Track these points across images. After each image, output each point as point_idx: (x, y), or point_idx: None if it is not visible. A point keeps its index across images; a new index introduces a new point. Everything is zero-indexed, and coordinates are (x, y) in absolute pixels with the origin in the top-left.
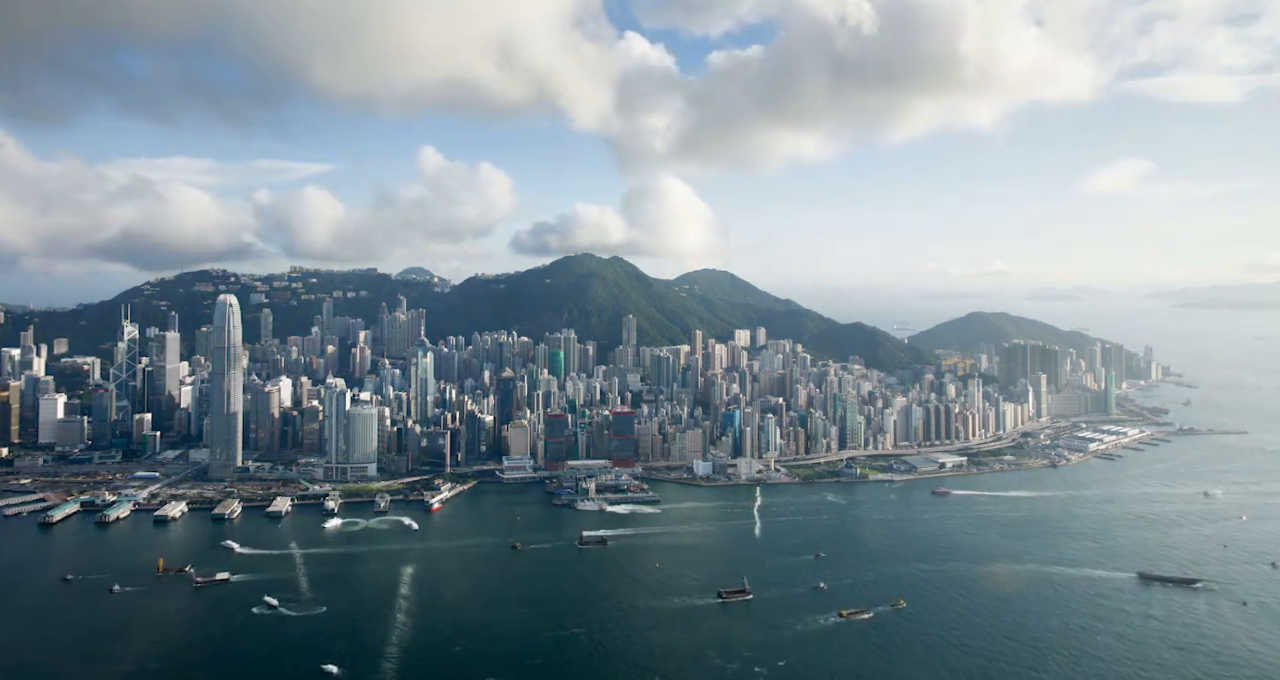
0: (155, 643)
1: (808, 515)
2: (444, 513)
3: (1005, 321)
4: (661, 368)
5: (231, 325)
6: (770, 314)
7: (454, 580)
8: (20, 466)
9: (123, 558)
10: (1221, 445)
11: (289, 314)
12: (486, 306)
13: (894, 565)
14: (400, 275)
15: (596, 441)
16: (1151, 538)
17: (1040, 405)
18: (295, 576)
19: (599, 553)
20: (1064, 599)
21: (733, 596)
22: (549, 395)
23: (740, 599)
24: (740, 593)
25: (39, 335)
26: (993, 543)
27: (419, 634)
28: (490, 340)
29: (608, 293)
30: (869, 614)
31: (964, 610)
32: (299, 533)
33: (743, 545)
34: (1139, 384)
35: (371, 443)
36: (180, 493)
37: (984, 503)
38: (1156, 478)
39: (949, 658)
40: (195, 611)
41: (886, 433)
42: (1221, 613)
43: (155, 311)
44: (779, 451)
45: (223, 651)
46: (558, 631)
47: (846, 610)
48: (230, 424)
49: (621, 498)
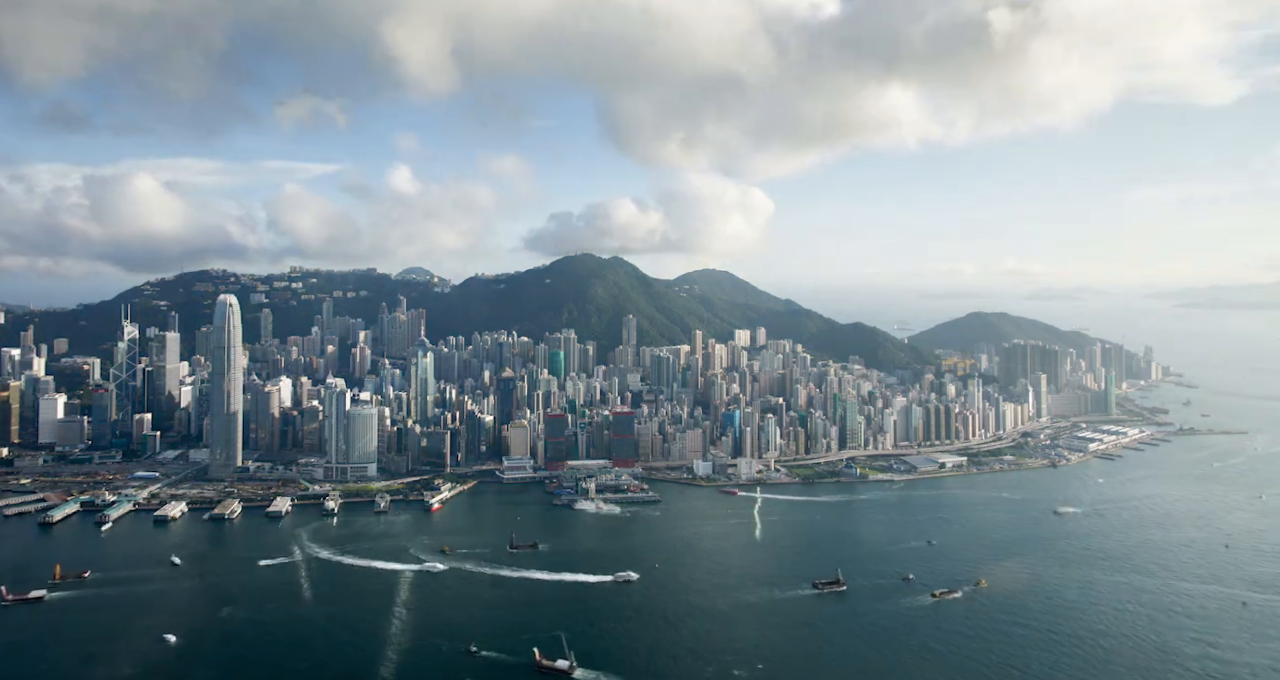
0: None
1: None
2: (444, 513)
3: (1005, 321)
4: (661, 368)
5: (231, 325)
6: (770, 314)
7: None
8: (20, 466)
9: (34, 560)
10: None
11: (289, 314)
12: (486, 306)
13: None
14: (400, 275)
15: (596, 441)
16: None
17: (1040, 405)
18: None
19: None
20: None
21: (827, 587)
22: (549, 395)
23: (834, 589)
24: (834, 583)
25: (39, 335)
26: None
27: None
28: (490, 340)
29: (608, 293)
30: (958, 594)
31: (1040, 587)
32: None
33: (833, 541)
34: (1139, 384)
35: (371, 443)
36: (180, 493)
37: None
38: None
39: (1041, 620)
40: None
41: (886, 433)
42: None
43: (155, 311)
44: (779, 451)
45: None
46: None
47: (938, 591)
48: (230, 424)
49: (621, 498)
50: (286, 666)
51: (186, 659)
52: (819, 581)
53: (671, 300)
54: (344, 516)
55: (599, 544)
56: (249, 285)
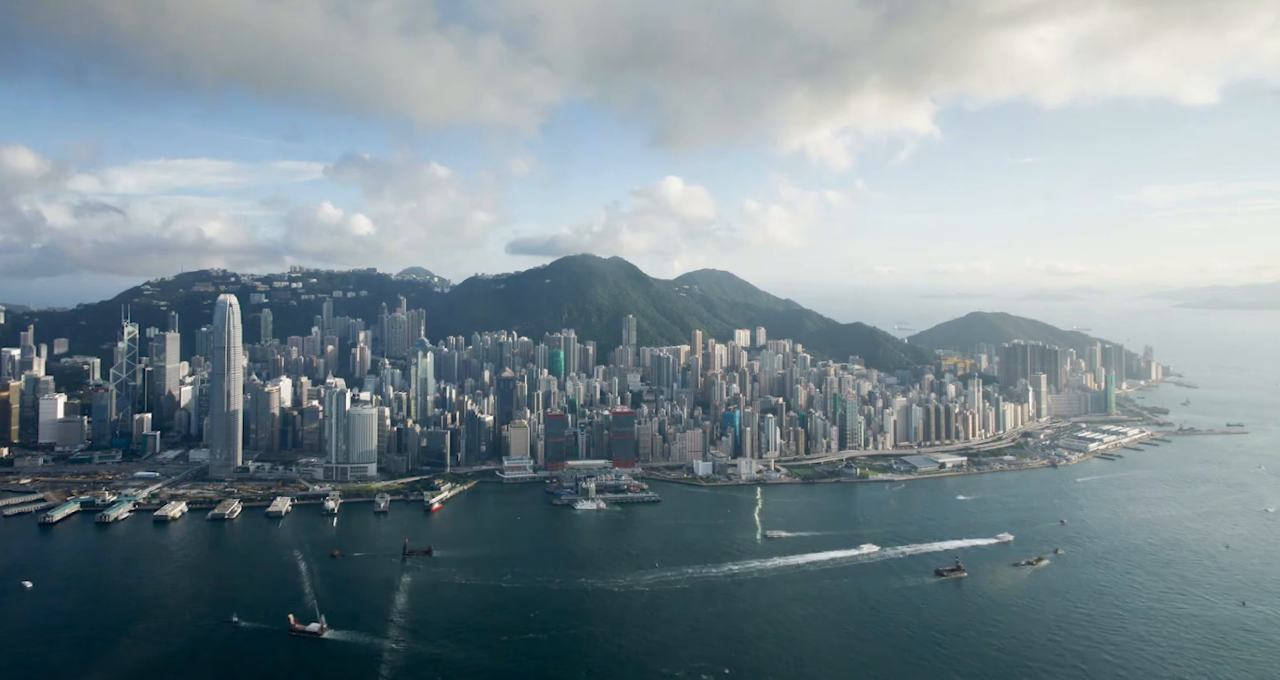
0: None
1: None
2: (443, 513)
3: (1005, 321)
4: (661, 368)
5: (231, 325)
6: (770, 314)
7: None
8: (20, 466)
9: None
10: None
11: (289, 314)
12: (486, 306)
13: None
14: (400, 275)
15: (596, 441)
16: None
17: (1040, 405)
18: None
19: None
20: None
21: (950, 574)
22: (549, 395)
23: (956, 576)
24: (956, 571)
25: (39, 335)
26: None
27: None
28: (490, 340)
29: (608, 293)
30: (1045, 561)
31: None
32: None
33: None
34: (1139, 384)
35: (371, 443)
36: (180, 493)
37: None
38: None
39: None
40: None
41: (886, 433)
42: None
43: (155, 311)
44: (779, 451)
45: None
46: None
47: (1028, 559)
48: (230, 424)
49: (620, 498)
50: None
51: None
52: (941, 569)
53: (671, 300)
54: (344, 516)
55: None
56: (249, 285)
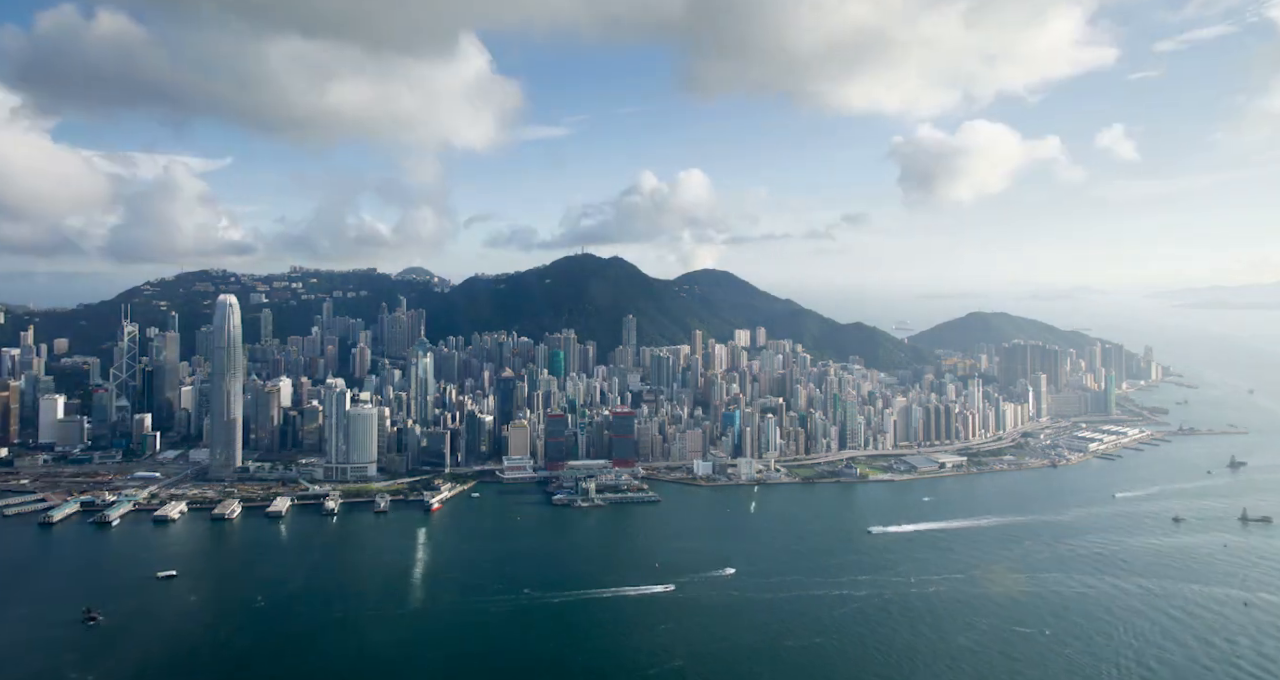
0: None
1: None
2: (443, 513)
3: (1005, 321)
4: (661, 368)
5: (231, 325)
6: (770, 314)
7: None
8: (20, 466)
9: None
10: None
11: (289, 314)
12: (486, 306)
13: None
14: (400, 275)
15: (596, 441)
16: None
17: (1040, 405)
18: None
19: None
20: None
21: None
22: (549, 395)
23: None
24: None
25: (39, 335)
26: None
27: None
28: (490, 340)
29: (608, 293)
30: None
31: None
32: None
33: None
34: (1139, 384)
35: (371, 443)
36: (180, 493)
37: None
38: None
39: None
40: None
41: (886, 433)
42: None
43: (155, 311)
44: (779, 451)
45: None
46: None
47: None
48: (230, 424)
49: (620, 498)
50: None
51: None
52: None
53: (671, 300)
54: (344, 516)
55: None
56: (249, 285)
